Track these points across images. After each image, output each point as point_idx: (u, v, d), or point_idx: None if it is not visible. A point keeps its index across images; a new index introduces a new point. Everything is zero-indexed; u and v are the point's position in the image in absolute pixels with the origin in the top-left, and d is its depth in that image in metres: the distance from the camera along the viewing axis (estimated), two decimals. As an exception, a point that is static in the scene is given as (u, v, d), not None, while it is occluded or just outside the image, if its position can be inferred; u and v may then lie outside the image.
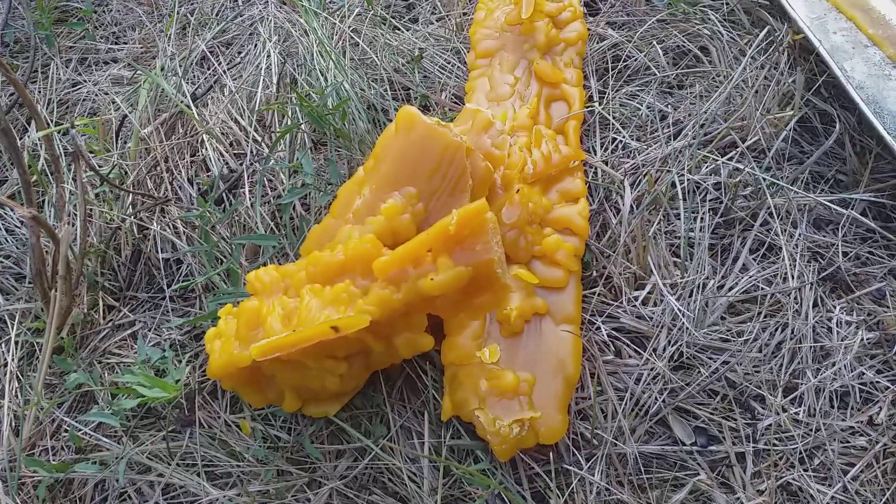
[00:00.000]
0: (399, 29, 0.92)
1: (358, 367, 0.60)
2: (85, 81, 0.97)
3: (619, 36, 0.87)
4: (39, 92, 0.97)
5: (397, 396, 0.66)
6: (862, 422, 0.61)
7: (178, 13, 1.01)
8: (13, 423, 0.69)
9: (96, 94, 0.95)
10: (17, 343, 0.74)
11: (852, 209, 0.71)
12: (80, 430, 0.68)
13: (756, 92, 0.78)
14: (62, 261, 0.68)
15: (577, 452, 0.61)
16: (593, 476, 0.60)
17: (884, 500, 0.58)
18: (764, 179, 0.71)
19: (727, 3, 0.87)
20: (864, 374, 0.63)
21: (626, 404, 0.63)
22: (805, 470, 0.60)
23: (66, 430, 0.68)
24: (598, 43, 0.87)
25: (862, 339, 0.64)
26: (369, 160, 0.65)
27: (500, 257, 0.55)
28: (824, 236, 0.71)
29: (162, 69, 0.92)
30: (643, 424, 0.62)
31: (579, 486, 0.60)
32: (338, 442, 0.64)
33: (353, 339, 0.56)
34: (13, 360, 0.73)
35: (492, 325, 0.64)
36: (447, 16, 0.94)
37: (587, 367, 0.65)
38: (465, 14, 0.95)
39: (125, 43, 1.02)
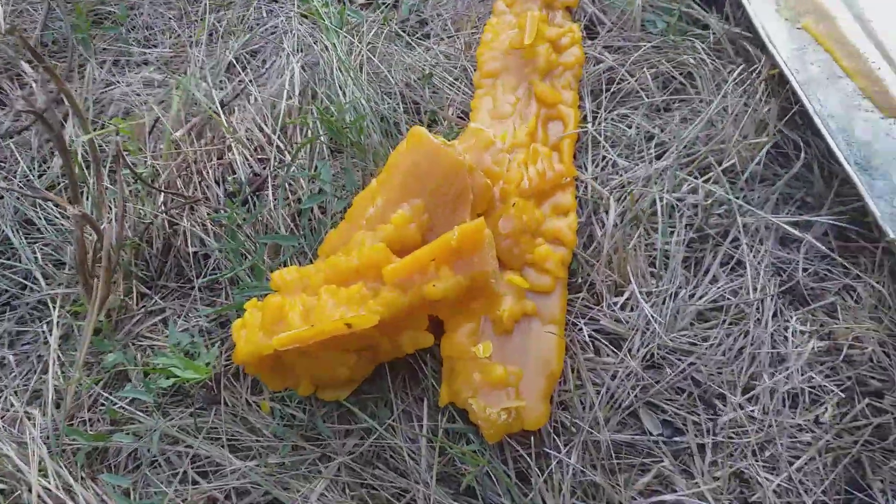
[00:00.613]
0: (412, 46, 1.00)
1: (366, 359, 0.69)
2: (118, 82, 1.05)
3: (614, 60, 0.94)
4: (76, 91, 1.05)
5: (400, 384, 0.74)
6: (809, 420, 0.70)
7: (207, 20, 1.09)
8: (54, 397, 0.77)
9: (129, 95, 1.03)
10: (58, 324, 0.82)
11: (811, 231, 0.79)
12: (115, 404, 0.76)
13: (735, 118, 0.85)
14: (105, 255, 0.76)
15: (556, 438, 0.69)
16: (570, 459, 0.68)
17: (822, 488, 0.66)
18: (734, 200, 0.79)
19: (714, 34, 0.94)
20: (813, 378, 0.71)
21: (602, 397, 0.71)
22: (756, 460, 0.68)
23: (102, 405, 0.77)
24: (594, 66, 0.95)
25: (813, 347, 0.72)
26: (382, 173, 0.73)
27: (494, 269, 0.63)
28: (788, 253, 0.79)
29: (192, 75, 1.00)
30: (616, 416, 0.71)
31: (557, 468, 0.68)
32: (347, 422, 0.73)
33: (363, 335, 0.64)
34: (54, 340, 0.81)
35: (486, 323, 0.72)
36: (457, 34, 1.02)
37: (569, 363, 0.73)
38: (474, 32, 1.02)
39: (156, 46, 1.10)
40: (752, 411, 0.70)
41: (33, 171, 0.96)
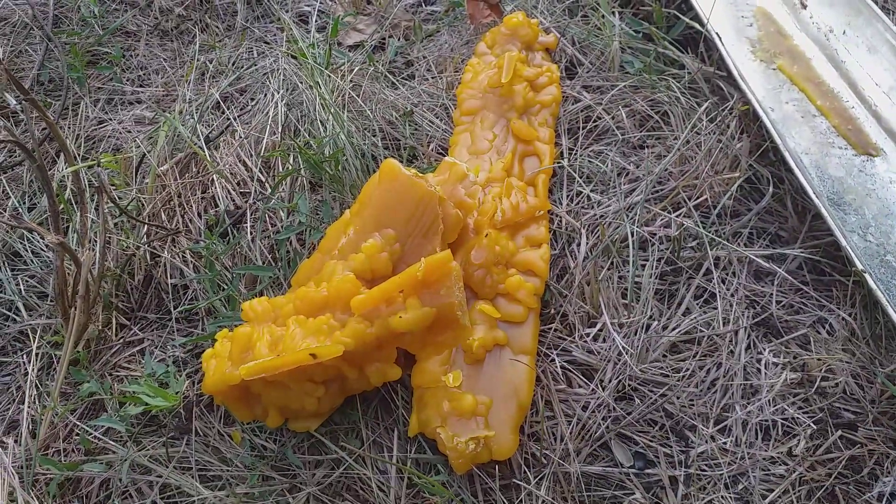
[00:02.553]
0: (396, 86, 1.02)
1: (334, 391, 0.69)
2: (111, 120, 1.08)
3: (591, 99, 0.96)
4: (69, 128, 1.07)
5: (372, 414, 0.74)
6: (782, 452, 0.69)
7: (198, 60, 1.12)
8: (31, 426, 0.77)
9: (120, 132, 1.05)
10: (37, 354, 0.83)
11: (785, 265, 0.79)
12: (90, 433, 0.76)
13: (708, 153, 0.87)
14: (83, 283, 0.77)
15: (527, 470, 0.69)
16: (540, 491, 0.67)
17: (795, 522, 0.66)
18: (705, 234, 0.79)
19: (689, 73, 0.96)
20: (786, 409, 0.71)
21: (573, 428, 0.71)
22: (729, 493, 0.67)
23: (77, 434, 0.77)
24: (573, 104, 0.97)
25: (786, 379, 0.72)
26: (355, 204, 0.74)
27: (460, 301, 0.64)
28: (762, 286, 0.79)
29: (180, 113, 1.03)
30: (588, 447, 0.70)
31: (527, 500, 0.67)
32: (317, 453, 0.72)
33: (329, 366, 0.65)
34: (33, 370, 0.81)
35: (457, 353, 0.72)
36: (440, 75, 1.04)
37: (541, 394, 0.73)
38: (457, 72, 1.05)
39: (149, 86, 1.13)
40: (725, 443, 0.70)
41: (23, 205, 0.98)
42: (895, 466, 0.68)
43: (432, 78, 1.05)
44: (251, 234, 0.86)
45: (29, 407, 0.78)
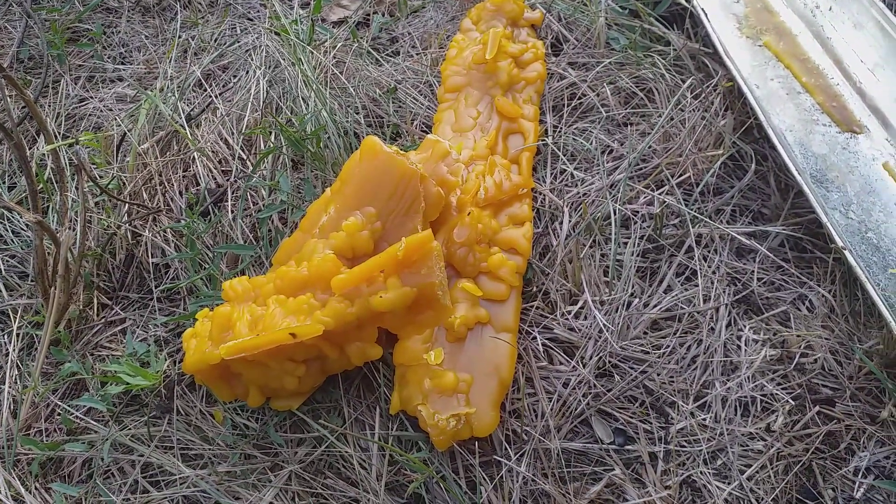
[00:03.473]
0: (380, 62, 1.01)
1: (314, 370, 0.69)
2: (92, 98, 1.06)
3: (576, 76, 0.95)
4: (50, 106, 1.06)
5: (354, 393, 0.74)
6: (761, 428, 0.69)
7: (179, 38, 1.10)
8: (11, 407, 0.77)
9: (101, 111, 1.04)
10: (18, 335, 0.82)
11: (766, 242, 0.79)
12: (71, 413, 0.76)
13: (693, 130, 0.86)
14: (62, 262, 0.77)
15: (508, 447, 0.69)
16: (520, 467, 0.68)
17: (773, 496, 0.66)
18: (687, 211, 0.79)
19: (674, 50, 0.96)
20: (765, 386, 0.71)
21: (554, 405, 0.71)
22: (708, 469, 0.68)
23: (59, 414, 0.76)
24: (557, 81, 0.96)
25: (765, 356, 0.73)
26: (336, 182, 0.74)
27: (441, 281, 0.63)
28: (744, 263, 0.79)
29: (161, 90, 1.01)
30: (568, 424, 0.70)
31: (507, 476, 0.68)
32: (299, 431, 0.72)
33: (309, 346, 0.65)
34: (14, 350, 0.81)
35: (439, 331, 0.72)
36: (424, 51, 1.03)
37: (522, 371, 0.73)
38: (442, 49, 1.04)
39: (130, 63, 1.11)
40: (704, 419, 0.70)
41: (2, 184, 0.97)
42: (871, 441, 0.68)
43: (417, 54, 1.04)
44: (232, 212, 0.85)
45: (10, 387, 0.78)
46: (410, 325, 0.68)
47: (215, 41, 1.10)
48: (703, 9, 0.97)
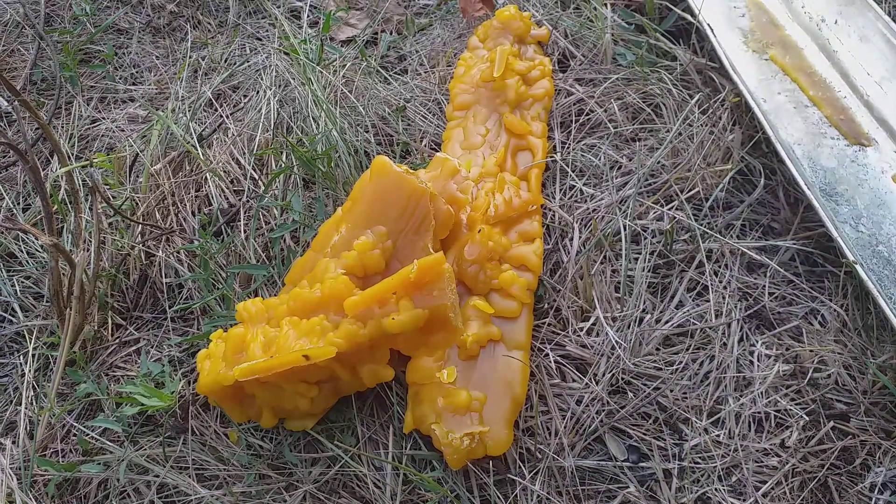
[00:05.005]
0: (389, 81, 1.02)
1: (327, 391, 0.69)
2: (104, 118, 1.07)
3: (583, 92, 0.96)
4: (62, 127, 1.07)
5: (367, 412, 0.74)
6: (775, 444, 0.69)
7: (190, 58, 1.12)
8: (28, 427, 0.78)
9: (113, 131, 1.05)
10: (34, 356, 0.83)
11: (777, 256, 0.80)
12: (87, 434, 0.76)
13: (700, 145, 0.87)
14: (77, 283, 0.77)
15: (522, 465, 0.69)
16: (535, 486, 0.68)
17: (788, 513, 0.66)
18: (697, 226, 0.79)
19: (681, 65, 0.96)
20: (778, 401, 0.71)
21: (567, 423, 0.71)
22: (723, 485, 0.68)
23: (74, 435, 0.77)
24: (565, 98, 0.97)
25: (779, 371, 0.72)
26: (347, 201, 0.74)
27: (453, 303, 0.64)
28: (755, 278, 0.79)
29: (173, 111, 1.03)
30: (582, 441, 0.71)
31: (522, 495, 0.68)
32: (313, 451, 0.73)
33: (322, 367, 0.65)
34: (30, 370, 0.82)
35: (451, 349, 0.72)
36: (432, 69, 1.04)
37: (535, 388, 0.73)
38: (449, 67, 1.04)
39: (142, 84, 1.13)
40: (718, 436, 0.70)
41: (17, 205, 0.98)
42: (887, 457, 0.68)
43: (425, 72, 1.05)
44: (245, 232, 0.86)
45: (26, 408, 0.78)
46: (422, 346, 0.68)
47: (225, 61, 1.11)
48: (708, 24, 0.98)
